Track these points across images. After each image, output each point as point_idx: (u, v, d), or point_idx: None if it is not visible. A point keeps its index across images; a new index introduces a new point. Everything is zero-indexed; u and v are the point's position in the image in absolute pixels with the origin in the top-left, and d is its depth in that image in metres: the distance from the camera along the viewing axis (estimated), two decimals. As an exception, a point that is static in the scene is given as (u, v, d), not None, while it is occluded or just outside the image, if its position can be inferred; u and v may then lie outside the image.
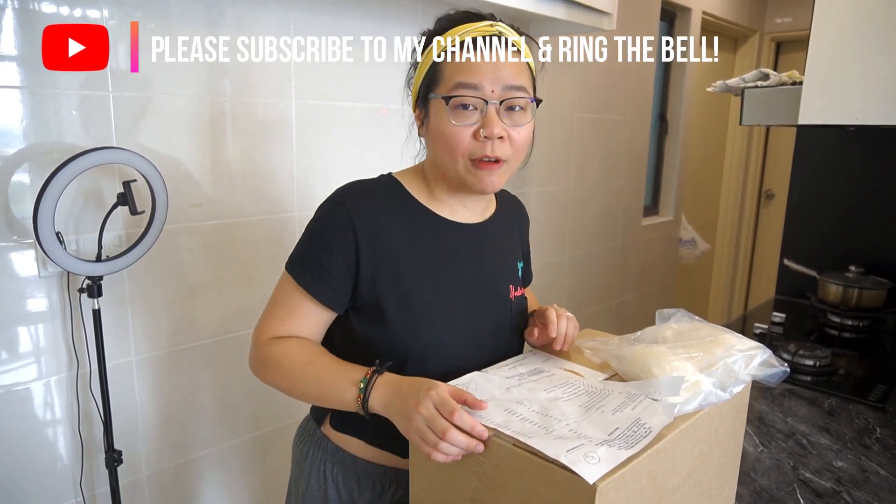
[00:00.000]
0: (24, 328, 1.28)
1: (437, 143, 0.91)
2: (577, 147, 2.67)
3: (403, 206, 0.95)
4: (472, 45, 0.87)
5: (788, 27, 4.03)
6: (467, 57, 0.87)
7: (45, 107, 1.23)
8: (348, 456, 1.00)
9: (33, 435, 1.31)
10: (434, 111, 0.90)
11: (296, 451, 1.09)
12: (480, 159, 0.88)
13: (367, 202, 0.93)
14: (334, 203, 0.93)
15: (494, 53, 0.88)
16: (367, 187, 0.96)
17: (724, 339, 0.89)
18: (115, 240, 1.35)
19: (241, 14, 1.48)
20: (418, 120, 0.96)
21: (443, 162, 0.92)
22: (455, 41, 0.88)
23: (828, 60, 1.42)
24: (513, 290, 1.03)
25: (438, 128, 0.89)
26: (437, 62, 0.90)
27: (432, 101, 0.90)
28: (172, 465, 1.55)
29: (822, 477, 1.21)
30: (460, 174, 0.91)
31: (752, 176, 4.34)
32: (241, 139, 1.54)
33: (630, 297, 3.24)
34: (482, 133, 0.87)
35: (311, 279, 0.91)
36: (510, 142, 0.89)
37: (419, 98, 0.94)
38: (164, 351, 1.48)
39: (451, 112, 0.87)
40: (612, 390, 0.82)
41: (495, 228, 1.03)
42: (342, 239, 0.90)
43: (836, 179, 2.11)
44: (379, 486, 0.99)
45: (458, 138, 0.88)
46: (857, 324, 1.89)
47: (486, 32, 0.88)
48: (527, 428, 0.73)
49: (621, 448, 0.68)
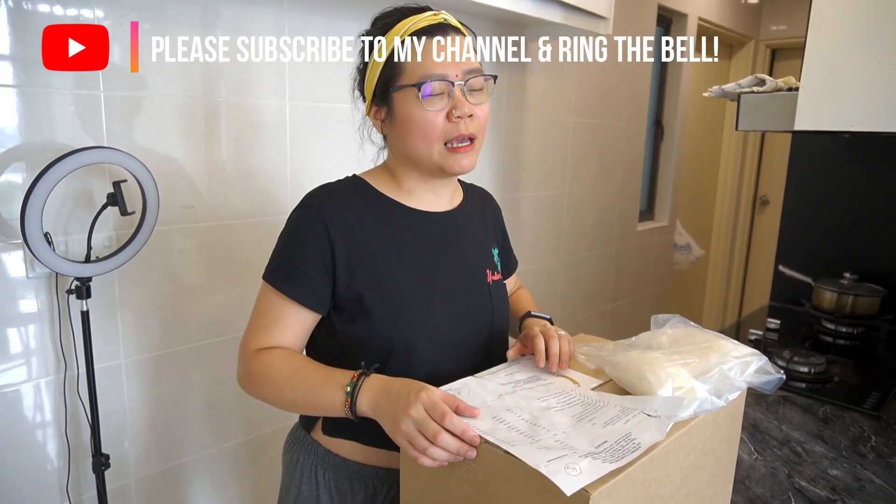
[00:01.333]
0: (11, 330, 1.26)
1: (409, 133, 0.92)
2: (572, 152, 2.67)
3: (373, 202, 0.97)
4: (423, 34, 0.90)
5: (784, 34, 4.05)
6: (425, 46, 0.90)
7: (35, 106, 1.22)
8: (340, 459, 0.99)
9: (19, 438, 1.29)
10: (400, 103, 0.92)
11: (286, 459, 1.07)
12: (454, 143, 0.91)
13: (335, 201, 0.94)
14: (303, 207, 0.95)
15: (447, 40, 0.91)
16: (335, 188, 0.98)
17: (719, 346, 0.88)
18: (105, 241, 1.33)
19: (236, 15, 1.47)
20: (377, 118, 0.97)
21: (416, 150, 0.93)
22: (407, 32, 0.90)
23: (824, 67, 1.41)
24: (490, 275, 1.04)
25: (409, 117, 0.91)
26: (393, 55, 0.91)
27: (396, 94, 0.92)
28: (161, 469, 1.53)
29: (817, 485, 1.20)
30: (434, 159, 0.93)
31: (746, 182, 4.35)
32: (234, 140, 1.52)
33: (625, 303, 3.23)
34: (455, 114, 0.90)
35: (289, 283, 0.92)
36: (476, 119, 0.93)
37: (376, 96, 0.95)
38: (154, 353, 1.47)
39: (424, 100, 0.89)
40: (607, 402, 0.81)
41: (465, 215, 1.05)
42: (316, 239, 0.91)
43: (832, 186, 2.11)
44: (371, 487, 0.98)
45: (433, 123, 0.90)
46: (851, 331, 1.88)
47: (432, 21, 0.91)
48: (512, 436, 0.72)
49: (606, 461, 0.66)
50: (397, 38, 0.90)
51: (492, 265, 1.06)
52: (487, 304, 1.02)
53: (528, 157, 2.43)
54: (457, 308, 0.98)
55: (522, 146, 2.40)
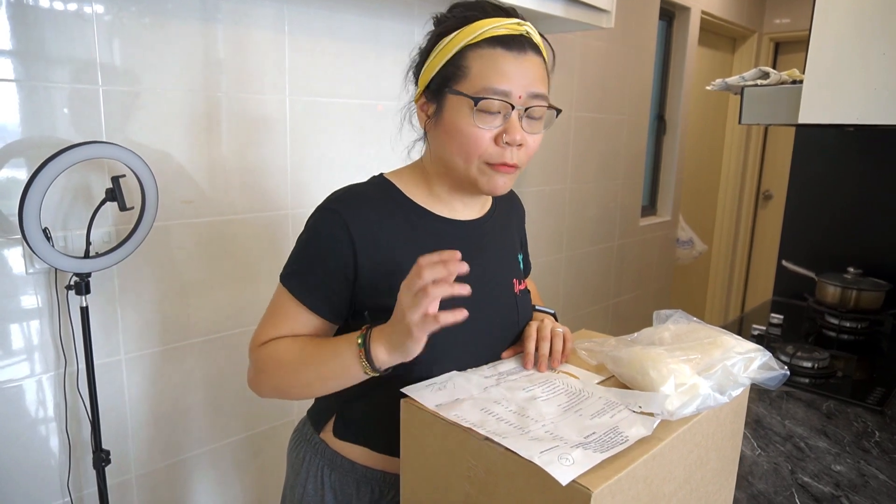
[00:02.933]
0: (11, 325, 1.25)
1: (452, 141, 0.86)
2: (574, 147, 2.65)
3: (400, 208, 0.92)
4: (499, 44, 0.83)
5: (787, 28, 4.03)
6: (497, 57, 0.83)
7: (33, 100, 1.21)
8: (347, 462, 0.97)
9: (19, 434, 1.29)
10: (452, 107, 0.85)
11: (291, 456, 1.06)
12: (497, 163, 0.86)
13: (361, 207, 0.89)
14: (327, 211, 0.89)
15: (523, 57, 0.84)
16: (361, 192, 0.92)
17: (722, 342, 0.87)
18: (104, 236, 1.33)
19: (235, 9, 1.46)
20: (423, 111, 0.91)
21: (453, 160, 0.88)
22: (483, 35, 0.83)
23: (828, 59, 1.40)
24: (517, 284, 1.00)
25: (456, 126, 0.85)
26: (462, 55, 0.85)
27: (450, 97, 0.85)
28: (162, 465, 1.53)
29: (821, 481, 1.19)
30: (472, 175, 0.88)
31: (750, 176, 4.34)
32: (234, 135, 1.52)
33: (627, 298, 3.23)
34: (504, 138, 0.84)
35: (306, 290, 0.89)
36: (525, 149, 0.87)
37: (430, 88, 0.89)
38: (154, 349, 1.46)
39: (477, 114, 0.83)
40: (591, 393, 0.82)
41: (494, 223, 1.01)
42: (339, 249, 0.87)
43: (835, 180, 2.09)
44: (377, 491, 0.97)
45: (479, 141, 0.84)
46: (855, 325, 1.87)
47: (515, 31, 0.84)
48: (502, 428, 0.72)
49: (596, 451, 0.66)
50: (470, 37, 0.84)
51: (518, 274, 1.02)
52: (514, 314, 0.98)
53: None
54: (483, 319, 0.93)
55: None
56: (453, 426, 0.74)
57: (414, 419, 0.80)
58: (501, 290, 0.98)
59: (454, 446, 0.74)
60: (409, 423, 0.81)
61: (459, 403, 0.78)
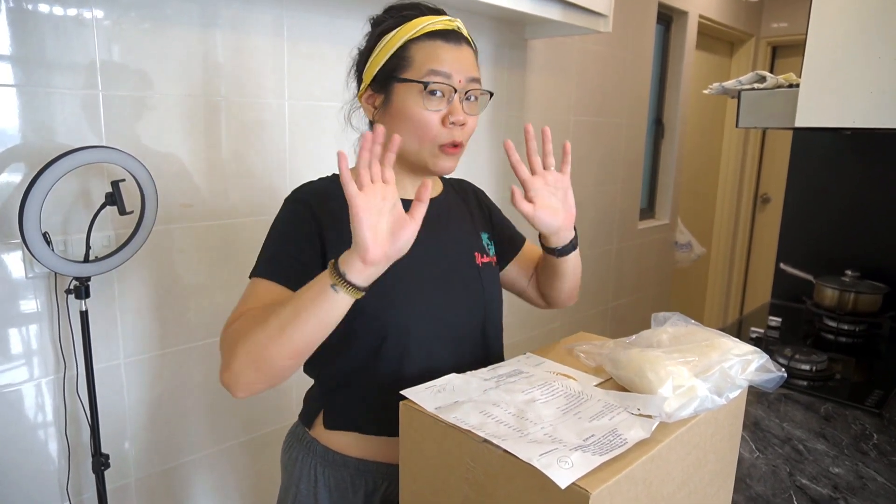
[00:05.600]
0: (11, 330, 1.25)
1: (403, 126, 0.93)
2: (573, 150, 2.65)
3: None
4: (437, 36, 0.92)
5: (784, 32, 4.05)
6: (437, 47, 0.92)
7: (33, 105, 1.22)
8: (339, 457, 0.98)
9: (18, 438, 1.29)
10: (400, 95, 0.92)
11: (284, 458, 1.07)
12: (446, 144, 0.93)
13: (321, 193, 0.95)
14: (290, 202, 0.96)
15: (459, 47, 0.93)
16: (317, 183, 0.99)
17: (720, 344, 0.88)
18: (104, 240, 1.33)
19: (234, 14, 1.47)
20: (370, 103, 0.98)
21: (405, 145, 0.93)
22: (423, 30, 0.92)
23: (825, 63, 1.41)
24: (479, 257, 1.05)
25: (406, 111, 0.92)
26: (405, 48, 0.92)
27: (398, 86, 0.92)
28: (161, 469, 1.53)
29: (819, 483, 1.20)
30: (424, 157, 0.94)
31: (747, 180, 4.35)
32: (233, 139, 1.52)
33: (625, 301, 3.23)
34: (450, 119, 0.92)
35: (274, 267, 0.90)
36: (466, 128, 0.95)
37: (376, 81, 0.95)
38: (154, 353, 1.46)
39: (426, 97, 0.91)
40: (590, 396, 0.82)
41: (447, 202, 1.07)
42: (306, 228, 0.91)
43: (833, 183, 2.10)
44: (371, 483, 0.98)
45: (429, 123, 0.91)
46: (853, 328, 1.88)
47: (448, 26, 0.94)
48: (501, 430, 0.72)
49: (595, 454, 0.67)
50: (411, 32, 0.92)
51: (480, 248, 1.07)
52: (478, 284, 1.03)
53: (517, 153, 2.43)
54: (447, 290, 0.99)
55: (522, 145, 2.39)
56: (452, 428, 0.74)
57: (413, 421, 0.80)
58: (462, 261, 1.03)
59: (453, 448, 0.74)
60: (408, 426, 0.81)
61: (458, 406, 0.78)
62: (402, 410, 0.81)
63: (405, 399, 0.81)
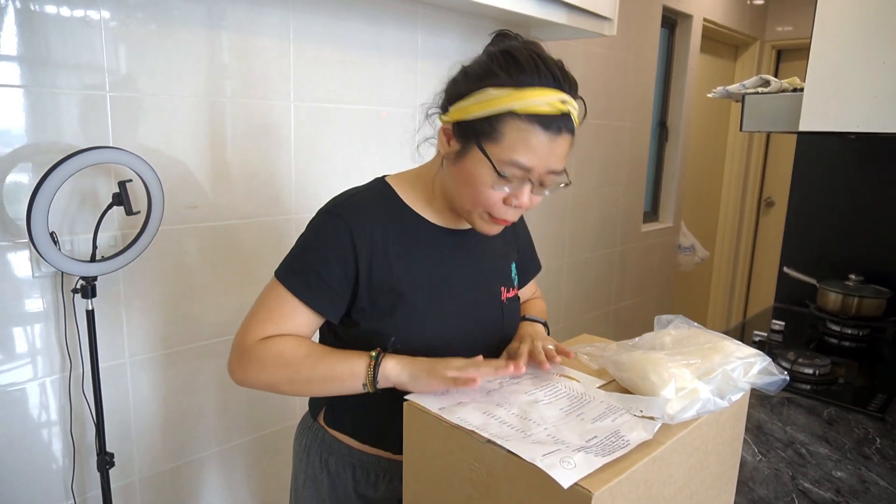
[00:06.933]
0: (17, 328, 1.26)
1: (464, 186, 0.89)
2: (576, 152, 2.65)
3: (398, 214, 0.96)
4: (538, 122, 0.83)
5: (789, 35, 4.04)
6: (532, 134, 0.83)
7: (41, 106, 1.23)
8: (344, 446, 1.02)
9: (24, 437, 1.30)
10: (474, 160, 0.87)
11: (296, 445, 1.11)
12: (499, 218, 0.91)
13: (363, 213, 0.93)
14: (331, 215, 0.93)
15: (556, 137, 0.85)
16: (362, 197, 0.96)
17: (722, 346, 0.88)
18: (111, 240, 1.34)
19: (241, 16, 1.47)
20: (446, 139, 0.91)
21: (460, 199, 0.92)
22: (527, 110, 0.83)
23: (829, 67, 1.41)
24: (504, 292, 1.04)
25: (473, 178, 0.87)
26: (501, 119, 0.84)
27: (477, 151, 0.86)
28: (166, 468, 1.53)
29: (822, 487, 1.19)
30: (472, 217, 0.93)
31: (751, 183, 4.34)
32: (239, 140, 1.53)
33: (629, 303, 3.23)
34: (513, 202, 0.89)
35: (307, 289, 0.91)
36: (525, 207, 0.91)
37: (459, 126, 0.88)
38: (159, 353, 1.47)
39: (496, 179, 0.86)
40: (593, 397, 0.82)
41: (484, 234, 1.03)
42: (341, 252, 0.91)
43: (837, 187, 2.10)
44: (374, 476, 1.01)
45: (490, 199, 0.88)
46: (856, 332, 1.87)
47: (557, 110, 0.84)
48: (505, 431, 0.72)
49: (598, 455, 0.67)
50: (516, 106, 0.82)
51: (508, 282, 1.06)
52: (499, 320, 1.03)
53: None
54: (468, 323, 0.99)
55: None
56: (456, 429, 0.74)
57: (416, 422, 0.80)
58: (488, 297, 1.02)
59: (456, 449, 0.75)
60: (412, 426, 0.81)
61: (462, 406, 0.79)
62: (405, 410, 0.81)
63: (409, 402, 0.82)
